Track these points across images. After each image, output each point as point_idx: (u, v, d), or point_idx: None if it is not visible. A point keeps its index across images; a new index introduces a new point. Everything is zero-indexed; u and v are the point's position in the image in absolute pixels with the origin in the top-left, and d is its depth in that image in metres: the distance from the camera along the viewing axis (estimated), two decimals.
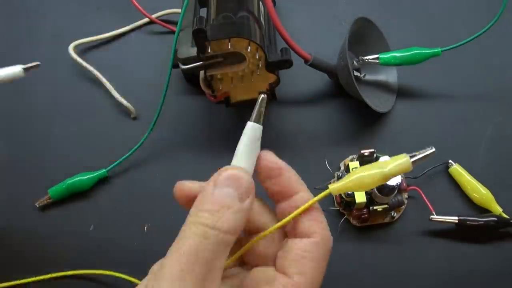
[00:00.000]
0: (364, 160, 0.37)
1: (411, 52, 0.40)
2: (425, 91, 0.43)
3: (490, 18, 0.39)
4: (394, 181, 0.34)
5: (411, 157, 0.24)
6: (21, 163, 0.41)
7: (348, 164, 0.37)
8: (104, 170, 0.40)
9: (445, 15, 0.47)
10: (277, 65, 0.35)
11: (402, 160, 0.23)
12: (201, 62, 0.35)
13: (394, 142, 0.41)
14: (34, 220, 0.39)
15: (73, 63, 0.44)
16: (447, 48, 0.40)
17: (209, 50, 0.34)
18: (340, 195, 0.37)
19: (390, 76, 0.43)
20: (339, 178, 0.38)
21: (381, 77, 0.43)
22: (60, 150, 0.42)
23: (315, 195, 0.23)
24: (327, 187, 0.23)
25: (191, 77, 0.41)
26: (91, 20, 0.47)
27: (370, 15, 0.47)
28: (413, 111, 0.42)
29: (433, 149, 0.24)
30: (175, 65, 0.37)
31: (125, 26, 0.46)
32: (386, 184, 0.33)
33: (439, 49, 0.40)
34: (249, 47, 0.33)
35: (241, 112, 0.42)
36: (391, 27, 0.44)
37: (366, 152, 0.37)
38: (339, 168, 0.39)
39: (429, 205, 0.36)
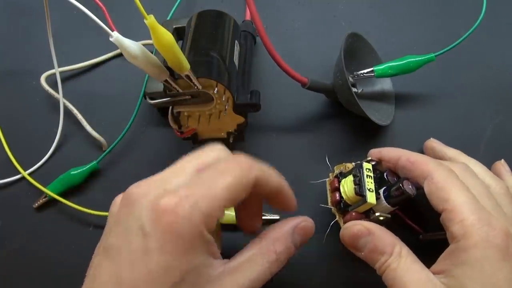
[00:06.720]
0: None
1: (405, 61, 0.40)
2: (422, 95, 0.43)
3: (475, 18, 0.39)
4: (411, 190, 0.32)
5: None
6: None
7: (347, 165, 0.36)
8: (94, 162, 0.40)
9: (432, 21, 0.47)
10: (244, 108, 0.35)
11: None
12: (168, 98, 0.34)
13: (395, 144, 0.41)
14: (33, 221, 0.39)
15: (45, 94, 0.43)
16: (440, 52, 0.40)
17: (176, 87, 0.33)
18: (340, 194, 0.35)
19: (385, 85, 0.43)
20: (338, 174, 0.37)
21: (376, 88, 0.43)
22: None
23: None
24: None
25: (163, 110, 0.40)
26: (65, 50, 0.44)
27: (370, 15, 0.47)
28: (411, 114, 0.42)
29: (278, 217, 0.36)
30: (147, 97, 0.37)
31: (101, 56, 0.46)
32: (405, 191, 0.31)
33: (432, 55, 0.40)
34: (217, 88, 0.33)
35: None
36: (381, 36, 0.44)
37: (372, 162, 0.35)
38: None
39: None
